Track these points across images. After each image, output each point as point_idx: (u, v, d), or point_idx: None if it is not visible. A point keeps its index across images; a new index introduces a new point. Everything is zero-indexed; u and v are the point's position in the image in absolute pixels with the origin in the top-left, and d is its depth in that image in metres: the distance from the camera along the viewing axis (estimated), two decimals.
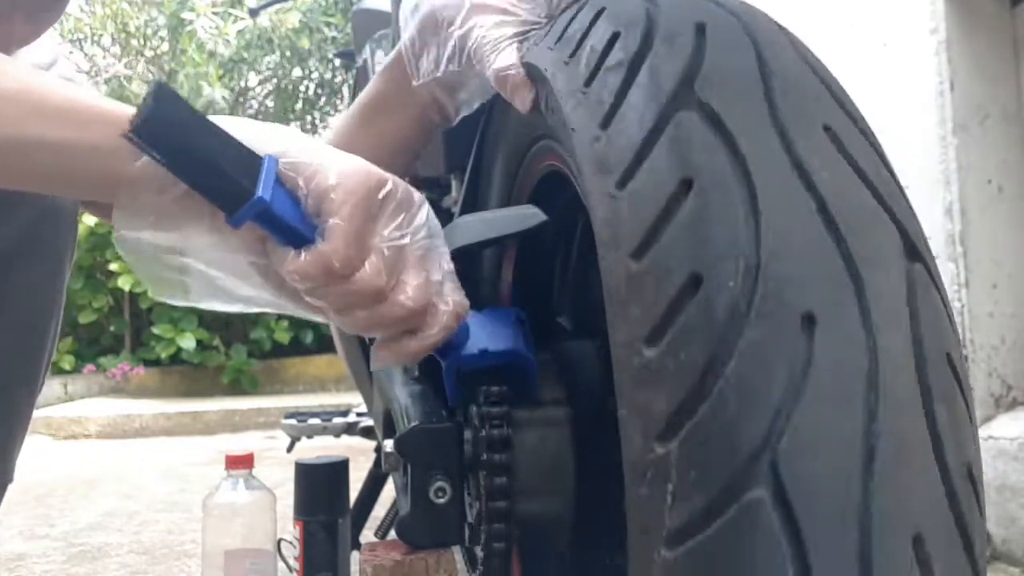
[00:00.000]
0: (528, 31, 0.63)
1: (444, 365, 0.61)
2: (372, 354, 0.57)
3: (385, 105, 0.74)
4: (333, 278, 0.51)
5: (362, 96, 0.76)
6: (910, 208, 0.45)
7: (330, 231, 0.51)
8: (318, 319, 0.59)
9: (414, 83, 0.70)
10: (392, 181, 0.54)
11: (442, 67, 0.67)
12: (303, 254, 0.50)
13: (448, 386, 0.62)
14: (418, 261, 0.54)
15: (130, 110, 0.50)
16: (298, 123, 5.98)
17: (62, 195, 0.58)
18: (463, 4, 0.65)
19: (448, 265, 0.57)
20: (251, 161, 0.50)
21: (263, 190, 0.49)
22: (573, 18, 0.55)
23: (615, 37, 0.49)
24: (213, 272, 0.55)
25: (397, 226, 0.53)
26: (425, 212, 0.55)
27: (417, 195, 0.56)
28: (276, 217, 0.50)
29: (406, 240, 0.53)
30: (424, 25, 0.68)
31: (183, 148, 0.48)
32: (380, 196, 0.53)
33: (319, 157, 0.52)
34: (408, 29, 0.71)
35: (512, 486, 0.59)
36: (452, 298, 0.55)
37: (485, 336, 0.61)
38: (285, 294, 0.56)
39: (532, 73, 0.59)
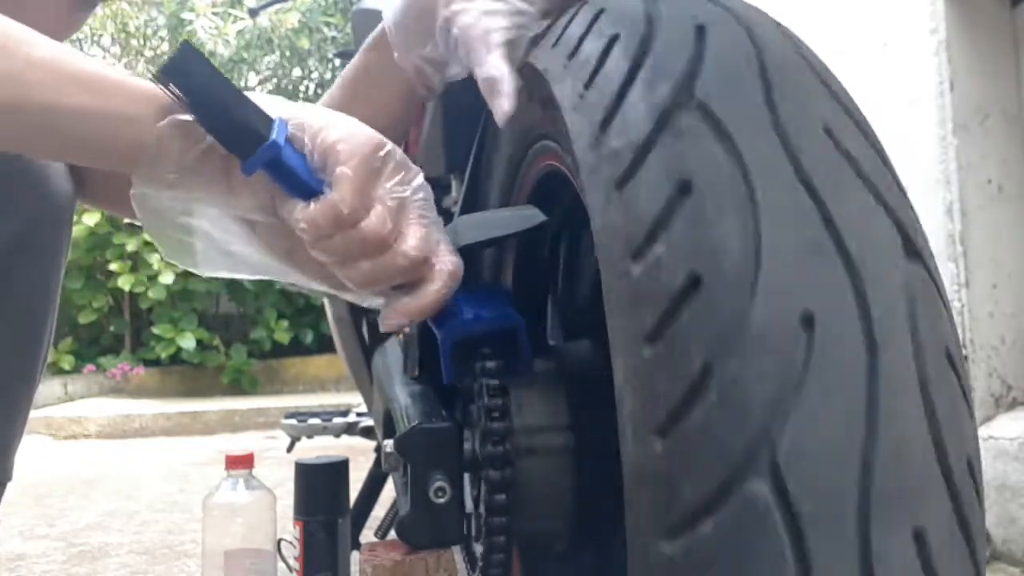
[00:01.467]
0: (518, 24, 0.62)
1: (440, 337, 0.62)
2: (381, 317, 0.59)
3: (369, 79, 0.75)
4: (341, 226, 0.53)
5: (346, 71, 0.76)
6: (910, 206, 0.45)
7: (337, 180, 0.53)
8: (319, 288, 0.61)
9: (396, 56, 0.71)
10: (391, 144, 0.56)
11: (427, 46, 0.68)
12: (312, 204, 0.53)
13: (444, 361, 0.63)
14: (418, 217, 0.56)
15: (153, 85, 0.53)
16: None
17: (87, 163, 0.61)
18: None
19: (442, 232, 0.59)
20: (264, 116, 0.54)
21: (276, 136, 0.53)
22: (572, 19, 0.54)
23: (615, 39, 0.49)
24: (221, 236, 0.58)
25: (398, 182, 0.56)
26: (421, 178, 0.58)
27: (413, 165, 0.58)
28: (286, 167, 0.53)
29: (407, 194, 0.56)
30: (409, 2, 0.69)
31: (205, 94, 0.52)
32: (381, 154, 0.55)
33: (323, 119, 0.55)
34: (393, 5, 0.71)
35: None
36: (448, 258, 0.58)
37: (477, 305, 0.63)
38: (290, 258, 0.59)
39: (528, 75, 0.59)
